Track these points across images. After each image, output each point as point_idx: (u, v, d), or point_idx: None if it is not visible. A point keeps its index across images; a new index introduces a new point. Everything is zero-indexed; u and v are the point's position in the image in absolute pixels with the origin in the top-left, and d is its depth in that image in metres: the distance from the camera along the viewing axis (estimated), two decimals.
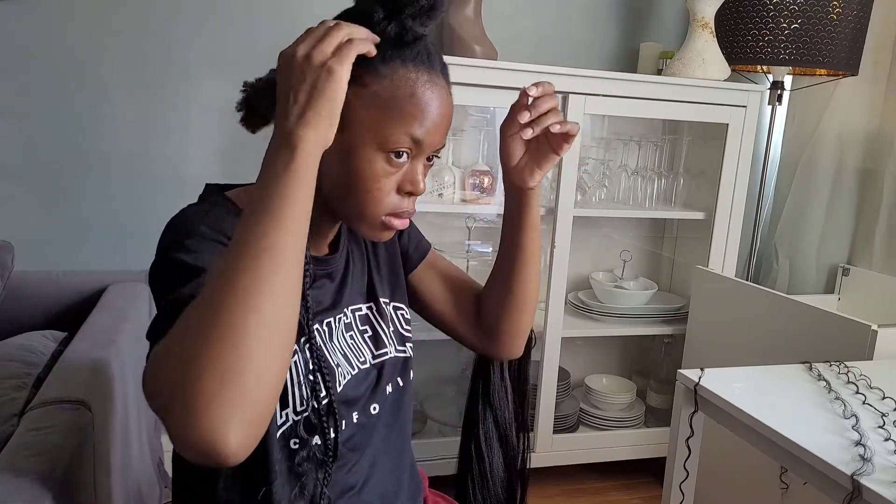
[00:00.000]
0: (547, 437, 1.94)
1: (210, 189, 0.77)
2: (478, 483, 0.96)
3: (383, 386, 0.82)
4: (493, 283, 0.89)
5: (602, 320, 2.02)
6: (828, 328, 1.43)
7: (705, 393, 1.08)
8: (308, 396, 0.71)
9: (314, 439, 0.72)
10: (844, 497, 0.82)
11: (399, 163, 0.69)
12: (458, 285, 0.94)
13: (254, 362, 0.50)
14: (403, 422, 0.86)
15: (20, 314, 1.53)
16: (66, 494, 0.79)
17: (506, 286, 0.87)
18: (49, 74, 1.70)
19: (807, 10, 1.73)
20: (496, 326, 0.89)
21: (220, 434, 0.48)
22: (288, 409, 0.71)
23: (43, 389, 1.01)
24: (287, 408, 0.71)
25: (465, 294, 0.93)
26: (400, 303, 0.89)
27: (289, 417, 0.71)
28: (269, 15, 1.81)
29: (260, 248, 0.53)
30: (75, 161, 1.75)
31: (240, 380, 0.49)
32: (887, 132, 2.08)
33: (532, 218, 0.84)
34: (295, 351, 0.71)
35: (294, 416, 0.71)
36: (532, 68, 1.69)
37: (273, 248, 0.54)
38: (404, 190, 0.71)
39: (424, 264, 0.93)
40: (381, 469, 0.81)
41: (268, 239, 0.54)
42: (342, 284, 0.81)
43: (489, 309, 0.90)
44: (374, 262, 0.88)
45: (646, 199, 2.05)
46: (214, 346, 0.50)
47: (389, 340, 0.85)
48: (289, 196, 0.56)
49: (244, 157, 1.84)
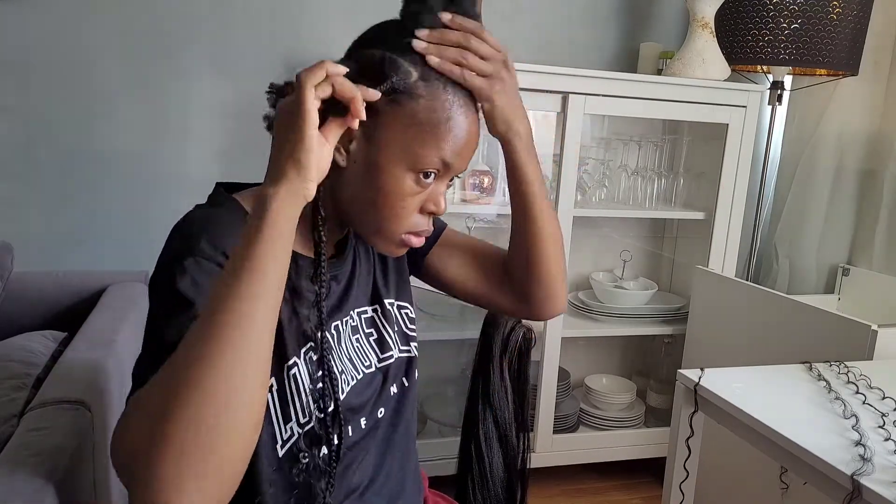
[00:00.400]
0: (547, 437, 1.94)
1: (219, 190, 0.76)
2: (478, 483, 0.96)
3: (388, 388, 0.82)
4: (511, 246, 0.88)
5: (602, 320, 2.02)
6: (828, 328, 1.43)
7: (705, 393, 1.08)
8: (312, 407, 0.71)
9: (321, 450, 0.72)
10: (844, 497, 0.82)
11: (426, 183, 0.70)
12: (480, 256, 0.92)
13: (220, 432, 0.51)
14: (408, 421, 0.86)
15: (20, 314, 1.53)
16: (66, 494, 0.79)
17: (522, 246, 0.85)
18: (49, 74, 1.70)
19: (807, 10, 1.73)
20: (527, 289, 0.87)
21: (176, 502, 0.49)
22: (291, 422, 0.70)
23: (43, 390, 1.01)
24: (290, 421, 0.70)
25: (490, 263, 0.91)
26: (404, 301, 0.89)
27: (293, 431, 0.70)
28: (269, 15, 1.80)
29: (227, 318, 0.53)
30: (75, 161, 1.75)
31: (201, 451, 0.50)
32: (887, 132, 2.08)
33: (519, 171, 0.80)
34: (296, 363, 0.71)
35: (298, 429, 0.71)
36: (532, 68, 1.69)
37: (241, 319, 0.54)
38: (427, 210, 0.72)
39: (439, 245, 0.92)
40: (385, 469, 0.81)
41: (235, 312, 0.54)
42: (348, 287, 0.81)
43: (515, 273, 0.88)
44: (379, 262, 0.87)
45: (646, 199, 2.05)
46: (177, 415, 0.50)
47: (394, 342, 0.85)
48: (258, 267, 0.55)
49: (244, 157, 1.84)
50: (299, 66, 0.63)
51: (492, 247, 0.93)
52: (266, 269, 0.56)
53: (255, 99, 2.07)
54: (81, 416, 0.93)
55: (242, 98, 1.82)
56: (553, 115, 1.92)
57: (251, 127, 1.84)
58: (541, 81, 1.71)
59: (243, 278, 0.55)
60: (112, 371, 1.12)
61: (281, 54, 1.82)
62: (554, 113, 1.80)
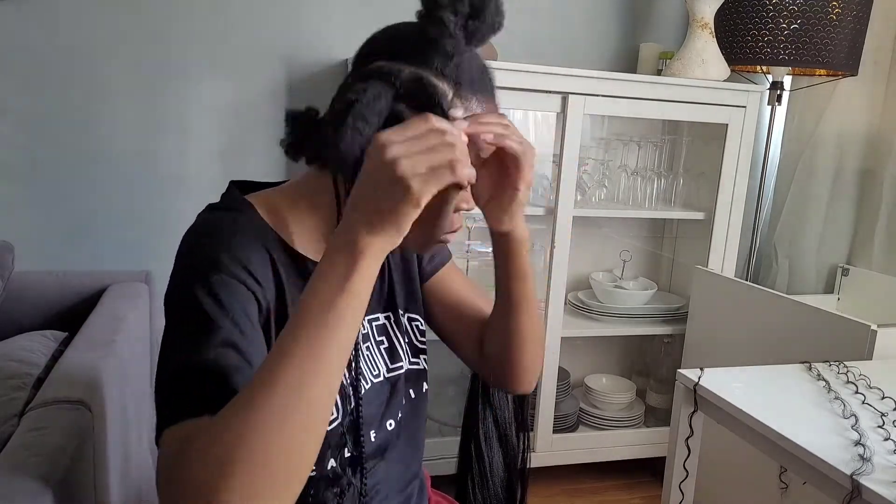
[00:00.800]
0: (547, 436, 1.94)
1: (234, 191, 0.74)
2: (478, 483, 0.96)
3: (399, 399, 0.81)
4: (493, 321, 0.84)
5: (602, 320, 2.02)
6: (827, 328, 1.43)
7: (705, 393, 1.08)
8: None
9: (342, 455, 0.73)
10: (844, 497, 0.82)
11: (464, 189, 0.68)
12: (465, 309, 0.90)
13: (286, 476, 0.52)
14: (416, 432, 0.85)
15: (20, 314, 1.53)
16: (66, 494, 0.79)
17: (504, 329, 0.82)
18: (49, 74, 1.70)
19: (806, 11, 1.73)
20: (499, 361, 0.85)
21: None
22: None
23: (43, 390, 1.01)
24: None
25: (471, 320, 0.89)
26: (414, 313, 0.87)
27: None
28: (269, 15, 1.80)
29: (307, 366, 0.53)
30: (75, 161, 1.75)
31: (269, 492, 0.51)
32: (887, 132, 2.08)
33: (515, 267, 0.76)
34: None
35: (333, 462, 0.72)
36: (532, 68, 1.69)
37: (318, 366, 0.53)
38: (459, 209, 0.71)
39: (437, 278, 0.90)
40: (390, 478, 0.80)
41: (315, 358, 0.53)
42: None
43: (491, 344, 0.86)
44: (394, 271, 0.85)
45: (646, 200, 2.05)
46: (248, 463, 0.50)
47: (404, 353, 0.83)
48: (342, 314, 0.54)
49: (244, 157, 1.84)
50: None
51: (479, 303, 0.90)
52: (347, 316, 0.55)
53: (256, 99, 2.08)
54: (82, 416, 0.93)
55: (242, 98, 1.82)
56: (553, 116, 1.92)
57: (251, 127, 1.85)
58: (541, 81, 1.71)
59: (329, 324, 0.53)
60: (112, 371, 1.12)
61: (281, 54, 1.82)
62: (554, 113, 1.80)
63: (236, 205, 0.71)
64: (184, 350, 0.60)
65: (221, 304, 0.61)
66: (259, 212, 0.71)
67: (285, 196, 0.74)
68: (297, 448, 0.52)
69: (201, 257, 0.64)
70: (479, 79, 0.68)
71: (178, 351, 0.61)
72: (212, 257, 0.63)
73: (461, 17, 0.62)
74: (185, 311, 0.62)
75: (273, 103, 1.84)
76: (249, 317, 0.63)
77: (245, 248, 0.65)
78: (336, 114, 0.61)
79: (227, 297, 0.62)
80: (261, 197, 0.73)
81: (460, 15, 0.62)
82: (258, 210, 0.71)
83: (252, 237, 0.67)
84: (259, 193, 0.74)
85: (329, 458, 0.72)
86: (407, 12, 0.66)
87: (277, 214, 0.72)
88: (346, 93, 0.62)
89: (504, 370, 0.85)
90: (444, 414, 2.00)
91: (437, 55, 0.64)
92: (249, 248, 0.65)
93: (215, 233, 0.66)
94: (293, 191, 0.74)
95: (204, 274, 0.62)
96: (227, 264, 0.63)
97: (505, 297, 0.79)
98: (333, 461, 0.72)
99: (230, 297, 0.62)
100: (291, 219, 0.72)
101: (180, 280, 0.64)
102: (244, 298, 0.63)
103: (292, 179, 0.74)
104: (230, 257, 0.64)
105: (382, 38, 0.68)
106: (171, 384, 0.59)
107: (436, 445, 1.83)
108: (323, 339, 0.53)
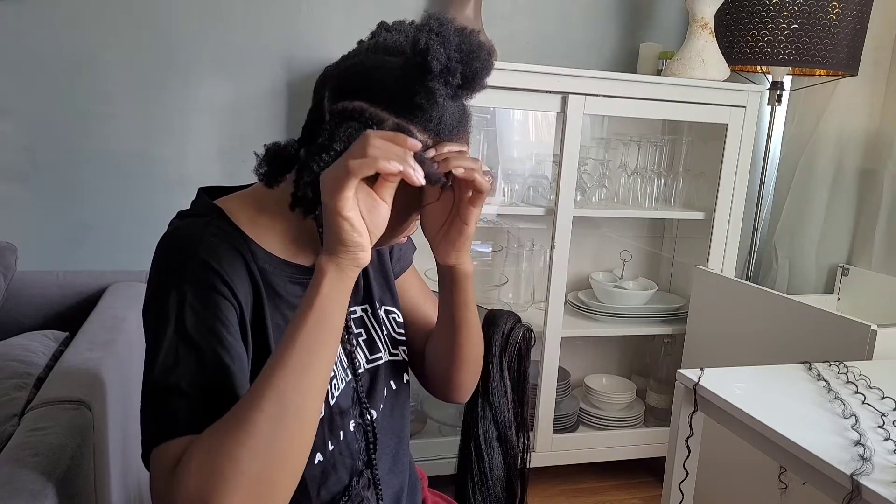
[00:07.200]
0: (547, 436, 1.94)
1: (203, 197, 0.75)
2: (477, 482, 0.96)
3: (379, 390, 0.82)
4: (434, 340, 0.88)
5: (602, 320, 2.02)
6: (827, 328, 1.43)
7: (705, 393, 1.08)
8: None
9: None
10: (844, 497, 0.82)
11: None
12: (417, 315, 0.92)
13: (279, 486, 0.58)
14: (399, 424, 0.86)
15: (21, 314, 1.53)
16: (67, 494, 0.79)
17: (445, 350, 0.85)
18: (49, 74, 1.70)
19: (806, 11, 1.73)
20: (438, 376, 0.88)
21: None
22: None
23: (43, 389, 1.01)
24: None
25: (419, 326, 0.92)
26: (391, 306, 0.88)
27: None
28: (269, 15, 1.80)
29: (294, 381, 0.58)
30: (75, 161, 1.75)
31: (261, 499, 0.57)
32: (887, 132, 2.08)
33: (459, 297, 0.78)
34: None
35: None
36: (532, 68, 1.69)
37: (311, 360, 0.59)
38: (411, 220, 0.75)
39: (399, 280, 0.92)
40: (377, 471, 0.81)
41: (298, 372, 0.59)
42: None
43: (430, 358, 0.89)
44: (371, 266, 0.86)
45: (645, 199, 2.05)
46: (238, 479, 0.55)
47: (384, 344, 0.84)
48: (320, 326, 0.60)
49: (244, 157, 1.84)
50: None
51: (430, 315, 0.92)
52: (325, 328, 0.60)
53: (256, 99, 2.08)
54: (82, 416, 0.93)
55: (242, 98, 1.82)
56: (553, 115, 1.92)
57: (251, 127, 1.85)
58: (540, 81, 1.71)
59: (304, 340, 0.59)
60: (112, 371, 1.12)
61: (281, 54, 1.82)
62: (554, 113, 1.80)
63: (206, 210, 0.72)
64: (163, 368, 0.61)
65: (198, 316, 0.62)
66: (229, 216, 0.71)
67: (255, 199, 0.74)
68: (288, 458, 0.58)
69: (175, 268, 0.65)
70: (458, 126, 0.69)
71: (158, 369, 0.61)
72: (185, 268, 0.64)
73: (451, 87, 0.64)
74: (162, 325, 0.62)
75: (273, 103, 1.84)
76: (226, 324, 0.64)
77: (217, 252, 0.66)
78: (319, 149, 0.63)
79: (203, 307, 0.63)
80: (229, 201, 0.74)
81: (450, 86, 0.64)
82: (228, 215, 0.72)
83: (224, 241, 0.68)
84: (228, 198, 0.75)
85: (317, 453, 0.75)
86: (407, 12, 0.67)
87: (247, 218, 0.72)
88: (322, 128, 0.64)
89: (443, 385, 0.89)
90: (443, 414, 2.00)
91: (422, 115, 0.65)
92: (222, 253, 0.66)
93: (187, 240, 0.67)
94: (261, 193, 0.74)
95: (178, 286, 0.63)
96: (201, 273, 0.64)
97: (448, 322, 0.82)
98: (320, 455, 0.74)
99: (205, 308, 0.63)
100: (261, 221, 0.73)
101: (155, 293, 0.65)
102: (220, 306, 0.64)
103: (258, 183, 0.74)
104: (203, 265, 0.64)
105: (362, 73, 0.67)
106: (153, 403, 0.61)
107: (436, 445, 1.83)
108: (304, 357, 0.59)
